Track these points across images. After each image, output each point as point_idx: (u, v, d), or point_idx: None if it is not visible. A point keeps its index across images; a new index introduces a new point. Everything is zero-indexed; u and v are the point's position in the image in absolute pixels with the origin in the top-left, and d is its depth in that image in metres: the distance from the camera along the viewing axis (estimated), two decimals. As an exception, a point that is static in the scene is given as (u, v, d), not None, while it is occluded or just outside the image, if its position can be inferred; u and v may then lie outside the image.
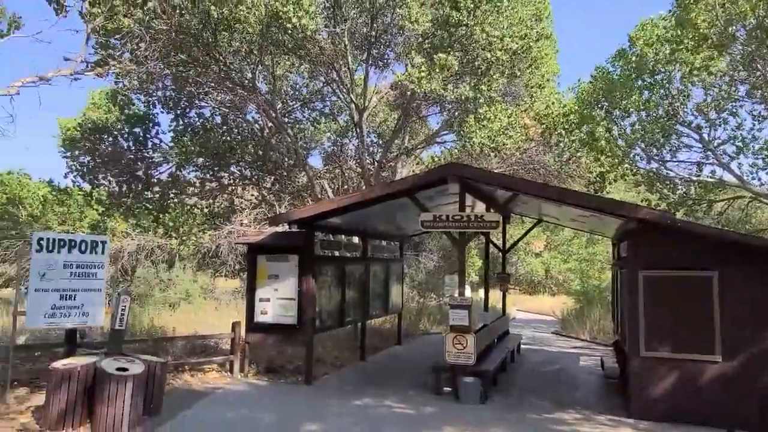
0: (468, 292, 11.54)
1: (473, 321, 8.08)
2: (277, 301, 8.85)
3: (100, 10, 8.88)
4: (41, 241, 7.20)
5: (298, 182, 17.99)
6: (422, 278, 18.29)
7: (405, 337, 12.97)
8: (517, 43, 12.79)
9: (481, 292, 13.93)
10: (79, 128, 15.60)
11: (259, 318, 8.96)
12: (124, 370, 6.37)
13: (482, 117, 13.72)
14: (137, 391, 6.33)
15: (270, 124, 16.50)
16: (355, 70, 16.43)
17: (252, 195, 17.52)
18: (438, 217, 8.17)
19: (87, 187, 15.99)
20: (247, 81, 14.86)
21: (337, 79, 15.77)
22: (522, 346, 12.22)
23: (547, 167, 16.53)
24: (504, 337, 11.40)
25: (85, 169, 15.88)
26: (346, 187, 18.26)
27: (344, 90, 15.92)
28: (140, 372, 6.41)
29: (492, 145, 13.87)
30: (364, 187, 16.44)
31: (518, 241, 14.39)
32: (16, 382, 7.36)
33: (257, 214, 14.76)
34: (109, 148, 16.08)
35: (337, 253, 10.09)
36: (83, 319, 7.40)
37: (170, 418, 6.71)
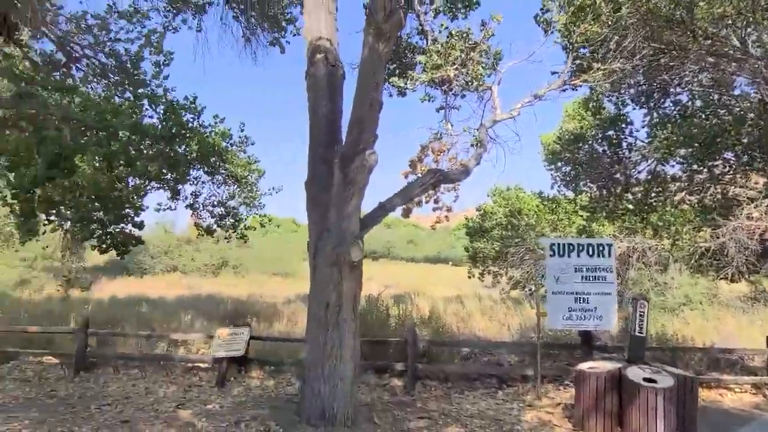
0: None
1: None
2: (835, 312, 6.74)
3: (581, 20, 9.04)
4: (553, 247, 7.61)
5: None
6: None
7: None
8: None
9: None
10: (558, 141, 16.57)
11: (807, 333, 7.03)
12: (652, 381, 5.92)
13: None
14: (669, 406, 5.75)
15: (772, 93, 13.42)
16: None
17: (756, 183, 14.60)
18: None
19: (570, 194, 16.76)
20: (733, 50, 12.54)
21: None
22: None
23: None
24: None
25: (567, 179, 16.71)
26: None
27: None
28: (671, 385, 5.83)
29: None
30: None
31: None
32: (546, 378, 7.97)
33: (769, 205, 12.07)
34: (586, 155, 16.45)
35: None
36: (597, 323, 7.41)
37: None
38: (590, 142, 16.80)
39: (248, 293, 24.16)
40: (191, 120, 10.21)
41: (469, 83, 8.95)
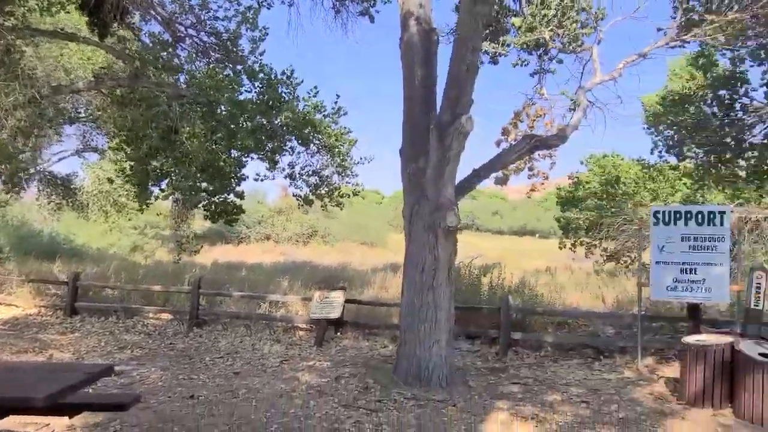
0: None
1: None
2: None
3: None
4: (657, 214, 7.25)
5: None
6: None
7: None
8: None
9: None
10: (661, 102, 15.51)
11: None
12: (769, 356, 5.55)
13: None
14: (789, 383, 5.38)
15: None
16: None
17: None
18: None
19: (673, 161, 15.71)
20: None
21: None
22: None
23: None
24: None
25: (670, 143, 15.64)
26: None
27: None
28: (792, 362, 5.44)
29: None
30: None
31: None
32: (647, 351, 7.69)
33: None
34: (693, 118, 15.26)
35: None
36: (706, 295, 7.00)
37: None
38: (698, 103, 15.56)
39: (338, 261, 24.99)
40: (287, 93, 10.59)
41: (567, 45, 8.56)
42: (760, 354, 5.59)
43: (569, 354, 8.09)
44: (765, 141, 14.89)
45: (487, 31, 11.23)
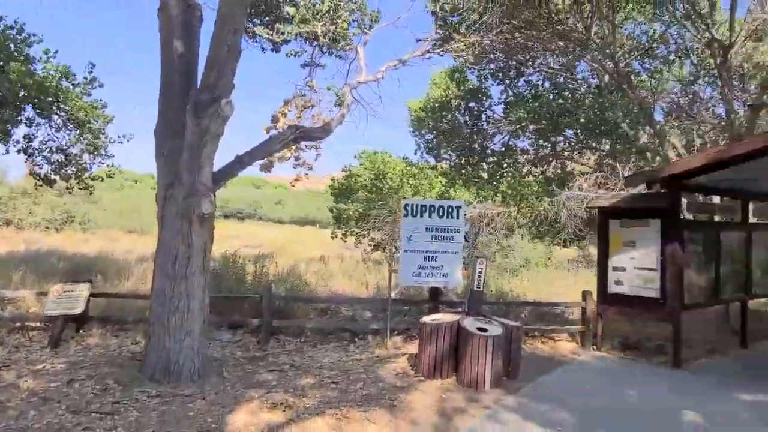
0: None
1: None
2: (634, 270, 7.92)
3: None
4: (407, 207, 7.99)
5: (640, 142, 16.09)
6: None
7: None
8: None
9: None
10: (423, 108, 17.20)
11: (612, 288, 8.20)
12: (484, 330, 6.55)
13: None
14: (497, 352, 6.42)
15: (607, 79, 15.10)
16: (717, -1, 13.60)
17: (588, 159, 16.45)
18: None
19: (432, 161, 17.58)
20: (579, 34, 13.84)
21: (689, 14, 13.31)
22: None
23: None
24: None
25: (430, 145, 17.48)
26: (701, 141, 15.52)
27: (700, 27, 13.34)
28: (499, 334, 6.50)
29: None
30: (726, 140, 13.59)
31: None
32: (396, 332, 8.44)
33: (597, 178, 13.73)
34: (449, 124, 17.29)
35: (708, 218, 8.44)
36: (444, 280, 7.97)
37: (528, 382, 6.62)
38: (453, 112, 17.65)
39: (98, 250, 22.28)
40: (18, 52, 8.91)
41: (336, 42, 8.90)
42: (478, 328, 6.57)
43: (328, 338, 8.47)
44: (502, 149, 17.61)
45: (268, 18, 11.10)
